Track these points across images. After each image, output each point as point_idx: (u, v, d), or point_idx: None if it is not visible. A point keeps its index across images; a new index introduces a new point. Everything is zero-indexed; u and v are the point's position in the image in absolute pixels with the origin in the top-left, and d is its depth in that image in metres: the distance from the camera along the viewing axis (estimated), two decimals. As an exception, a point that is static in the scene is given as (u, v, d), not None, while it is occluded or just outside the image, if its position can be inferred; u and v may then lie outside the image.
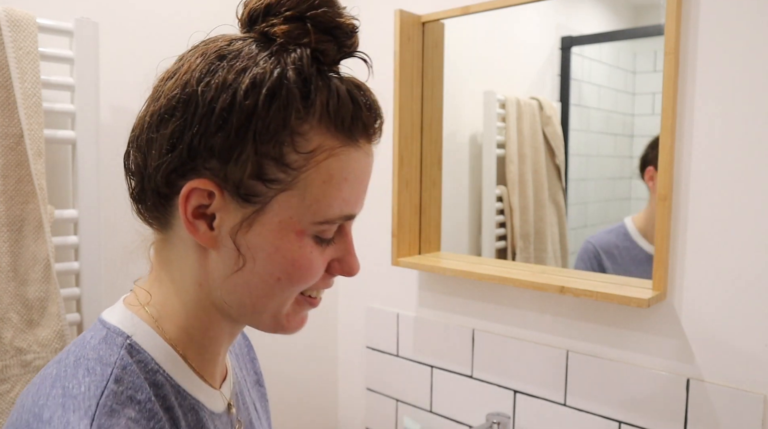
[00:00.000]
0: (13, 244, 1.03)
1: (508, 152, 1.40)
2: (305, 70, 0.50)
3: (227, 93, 0.49)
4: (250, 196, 0.51)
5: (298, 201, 0.51)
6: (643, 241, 1.18)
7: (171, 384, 0.54)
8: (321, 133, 0.51)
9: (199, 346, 0.57)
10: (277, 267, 0.52)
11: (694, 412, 1.07)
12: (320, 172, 0.51)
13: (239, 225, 0.52)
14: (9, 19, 1.00)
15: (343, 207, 0.53)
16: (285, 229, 0.52)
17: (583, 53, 1.30)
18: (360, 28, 0.54)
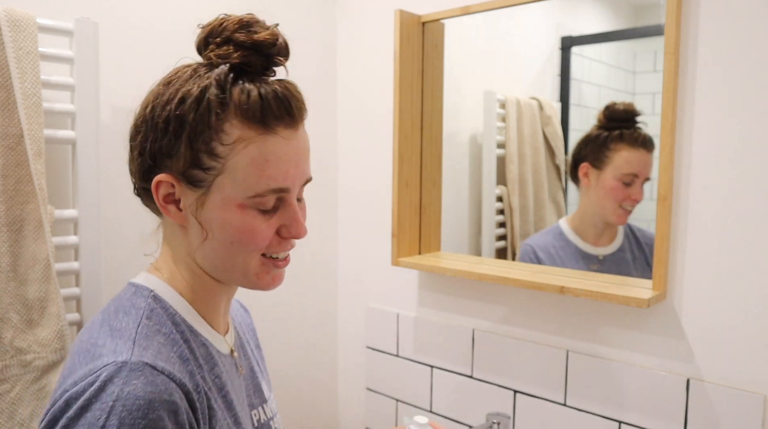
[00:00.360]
0: (13, 244, 1.03)
1: (508, 152, 1.40)
2: (222, 81, 0.65)
3: (166, 109, 0.66)
4: (196, 181, 0.67)
5: (231, 182, 0.66)
6: (577, 238, 1.25)
7: (186, 324, 0.70)
8: (239, 127, 0.65)
9: (202, 299, 0.73)
10: (228, 234, 0.68)
11: (694, 412, 1.07)
12: (242, 157, 0.65)
13: (195, 204, 0.68)
14: (9, 19, 1.00)
15: (269, 183, 0.67)
16: (227, 204, 0.67)
17: (583, 53, 1.30)
18: (282, 41, 0.69)
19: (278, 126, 0.67)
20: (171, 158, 0.67)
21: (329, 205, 1.65)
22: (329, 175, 1.65)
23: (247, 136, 0.65)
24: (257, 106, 0.65)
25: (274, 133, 0.66)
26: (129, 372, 0.59)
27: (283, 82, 0.69)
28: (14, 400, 1.02)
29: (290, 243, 0.72)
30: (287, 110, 0.67)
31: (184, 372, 0.64)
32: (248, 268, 0.70)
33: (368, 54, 1.56)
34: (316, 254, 1.64)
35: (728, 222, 1.03)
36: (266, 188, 0.67)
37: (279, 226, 0.70)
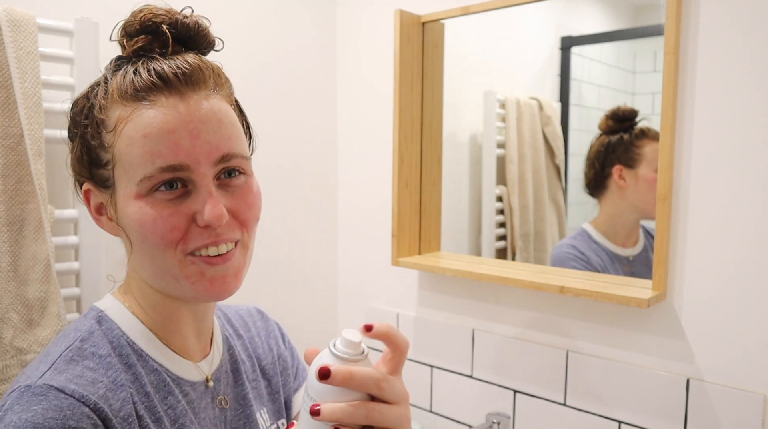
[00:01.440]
0: (13, 244, 1.03)
1: (508, 152, 1.40)
2: (108, 70, 0.63)
3: (73, 112, 0.65)
4: (103, 181, 0.62)
5: (123, 171, 0.60)
6: (607, 241, 1.25)
7: (134, 348, 0.64)
8: (116, 109, 0.60)
9: (159, 320, 0.66)
10: (135, 232, 0.60)
11: (694, 412, 1.07)
12: (123, 139, 0.59)
13: (111, 208, 0.63)
14: (9, 19, 1.00)
15: (154, 160, 0.58)
16: (126, 199, 0.60)
17: (583, 53, 1.30)
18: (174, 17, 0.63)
19: (154, 95, 0.59)
20: (80, 164, 0.64)
21: (329, 205, 1.65)
22: (329, 175, 1.65)
23: (123, 115, 0.59)
24: (129, 80, 0.59)
25: (151, 105, 0.58)
26: (30, 397, 0.53)
27: (181, 55, 0.62)
28: (14, 400, 1.02)
29: (214, 232, 0.60)
30: (162, 77, 0.59)
31: (112, 398, 0.58)
32: (176, 272, 0.61)
33: (368, 54, 1.56)
34: (316, 254, 1.64)
35: (728, 222, 1.03)
36: (153, 167, 0.58)
37: (194, 212, 0.60)
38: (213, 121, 0.60)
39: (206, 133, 0.59)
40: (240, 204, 0.63)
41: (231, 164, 0.62)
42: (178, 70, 0.59)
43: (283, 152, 1.54)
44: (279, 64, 1.51)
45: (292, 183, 1.56)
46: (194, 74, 0.60)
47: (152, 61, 0.60)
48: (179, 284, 0.62)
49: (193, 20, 0.64)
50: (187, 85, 0.60)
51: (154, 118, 0.58)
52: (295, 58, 1.55)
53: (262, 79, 1.47)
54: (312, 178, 1.61)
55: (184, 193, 0.60)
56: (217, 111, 0.61)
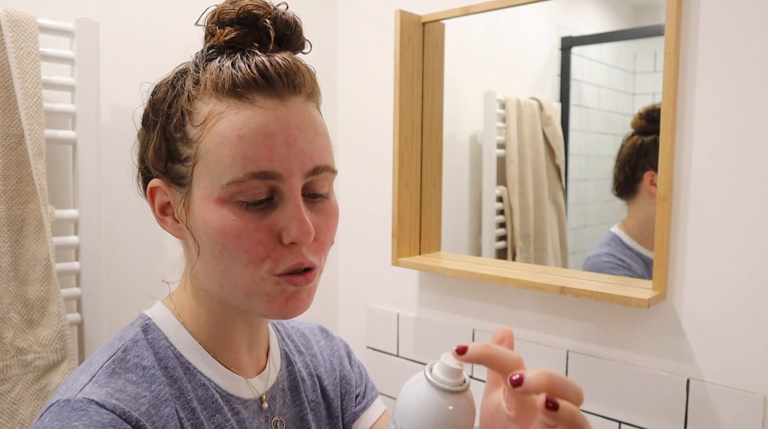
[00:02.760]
0: (13, 244, 1.03)
1: (508, 152, 1.40)
2: (199, 59, 0.58)
3: (153, 99, 0.60)
4: (178, 178, 0.57)
5: (206, 170, 0.54)
6: (639, 246, 1.20)
7: (180, 360, 0.59)
8: (208, 103, 0.55)
9: (211, 331, 0.62)
10: (212, 240, 0.55)
11: (694, 412, 1.07)
12: (213, 136, 0.54)
13: (182, 209, 0.57)
14: (10, 19, 1.00)
15: (246, 164, 0.53)
16: (206, 201, 0.55)
17: (583, 53, 1.30)
18: (275, 11, 0.58)
19: (254, 94, 0.54)
20: (154, 156, 0.58)
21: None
22: (329, 176, 1.65)
23: (216, 110, 0.54)
24: (228, 74, 0.54)
25: (249, 103, 0.54)
26: (70, 412, 0.50)
27: (280, 53, 0.57)
28: (15, 400, 1.02)
29: (300, 252, 0.55)
30: (265, 76, 0.54)
31: (155, 414, 0.54)
32: (252, 289, 0.56)
33: (368, 54, 1.56)
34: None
35: (728, 222, 1.03)
36: (243, 172, 0.53)
37: (280, 228, 0.55)
38: (310, 129, 0.56)
39: (302, 141, 0.55)
40: (321, 225, 0.58)
41: (319, 178, 0.57)
42: (281, 69, 0.55)
43: (284, 152, 1.54)
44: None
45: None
46: (297, 76, 0.56)
47: (253, 55, 0.55)
48: (250, 300, 0.57)
49: (291, 17, 0.59)
50: (289, 88, 0.55)
51: (252, 118, 0.53)
52: (295, 59, 1.55)
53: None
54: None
55: (269, 205, 0.55)
56: (313, 119, 0.57)
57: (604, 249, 1.24)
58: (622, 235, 1.22)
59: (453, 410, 0.45)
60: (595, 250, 1.26)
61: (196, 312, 0.62)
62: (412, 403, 0.46)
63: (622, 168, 1.21)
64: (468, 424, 0.47)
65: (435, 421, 0.44)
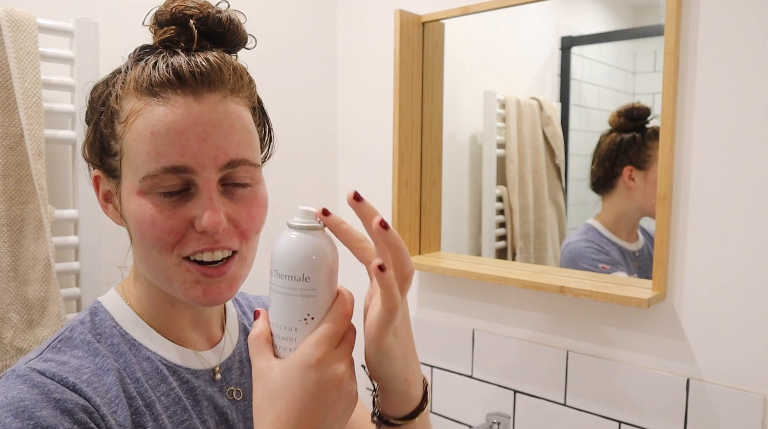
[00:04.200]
0: (13, 244, 1.03)
1: (508, 152, 1.40)
2: (129, 61, 0.62)
3: (91, 97, 0.65)
4: (111, 171, 0.62)
5: (128, 164, 0.59)
6: (615, 236, 1.25)
7: (126, 338, 0.63)
8: (131, 101, 0.59)
9: (155, 311, 0.66)
10: (134, 228, 0.60)
11: (694, 412, 1.07)
12: (132, 132, 0.58)
13: (115, 197, 0.63)
14: (9, 19, 1.00)
15: (158, 159, 0.57)
16: (129, 193, 0.60)
17: (583, 53, 1.30)
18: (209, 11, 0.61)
19: (168, 92, 0.57)
20: (91, 150, 0.64)
21: (330, 205, 1.65)
22: (329, 175, 1.65)
23: (136, 108, 0.58)
24: (147, 74, 0.58)
25: (163, 101, 0.57)
26: (14, 379, 0.55)
27: (209, 52, 0.60)
28: (14, 400, 1.02)
29: (211, 239, 0.59)
30: (178, 75, 0.57)
31: (97, 382, 0.57)
32: (170, 274, 0.60)
33: (368, 54, 1.56)
34: (316, 254, 1.64)
35: (728, 222, 1.03)
36: (156, 166, 0.57)
37: (193, 217, 0.59)
38: (225, 124, 0.59)
39: (215, 136, 0.58)
40: (242, 213, 0.62)
41: (237, 171, 0.60)
42: (197, 68, 0.58)
43: (283, 152, 1.54)
44: (279, 64, 1.51)
45: (292, 183, 1.56)
46: (212, 74, 0.58)
47: (173, 55, 0.59)
48: (171, 286, 0.61)
49: (225, 15, 0.62)
50: (204, 85, 0.58)
51: (165, 116, 0.57)
52: (295, 58, 1.55)
53: (262, 79, 1.46)
54: (312, 178, 1.61)
55: (186, 195, 0.59)
56: (230, 114, 0.59)
57: (582, 236, 1.29)
58: (599, 226, 1.27)
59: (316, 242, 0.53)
60: (574, 238, 1.31)
61: (140, 295, 0.66)
62: (276, 247, 0.54)
63: (602, 163, 1.26)
64: (333, 255, 0.54)
65: (305, 255, 0.52)
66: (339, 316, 0.53)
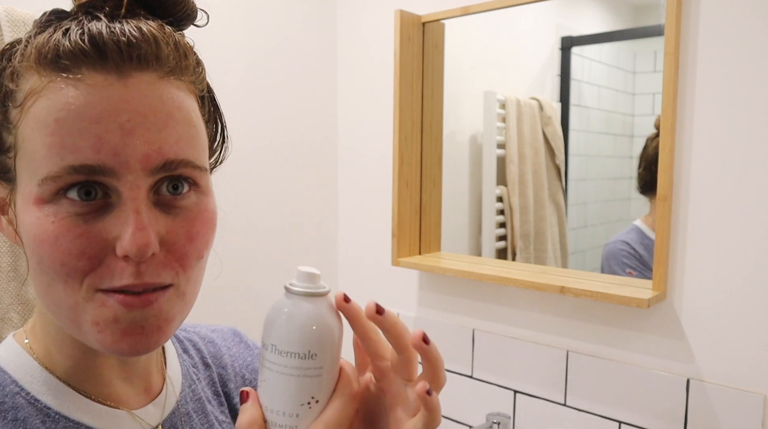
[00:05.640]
0: (13, 244, 1.03)
1: (508, 152, 1.40)
2: (35, 26, 0.45)
3: None
4: (4, 172, 0.44)
5: (25, 162, 0.42)
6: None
7: (37, 407, 0.46)
8: (30, 77, 0.42)
9: (72, 367, 0.48)
10: (30, 249, 0.42)
11: (694, 412, 1.07)
12: (30, 119, 0.41)
13: (10, 208, 0.45)
14: (9, 19, 1.00)
15: (65, 155, 0.40)
16: (26, 202, 0.42)
17: (583, 53, 1.30)
18: None
19: (81, 68, 0.41)
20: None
21: (329, 205, 1.65)
22: (330, 175, 1.65)
23: (36, 87, 0.42)
24: (54, 43, 0.41)
25: (74, 80, 0.41)
26: None
27: (135, 20, 0.44)
28: (14, 399, 1.02)
29: (134, 270, 0.42)
30: (97, 46, 0.41)
31: None
32: (78, 314, 0.43)
33: (368, 54, 1.56)
34: (317, 254, 1.64)
35: (728, 222, 1.03)
36: (61, 165, 0.40)
37: (114, 237, 0.42)
38: (160, 113, 0.42)
39: (146, 129, 0.41)
40: (180, 232, 0.44)
41: (176, 173, 0.44)
42: (123, 37, 0.41)
43: (283, 152, 1.54)
44: (279, 64, 1.51)
45: (292, 183, 1.56)
46: (143, 46, 0.42)
47: (92, 20, 0.42)
48: (80, 330, 0.44)
49: None
50: (131, 61, 0.42)
51: (75, 98, 0.40)
52: (295, 58, 1.55)
53: (262, 79, 1.47)
54: (312, 178, 1.61)
55: (103, 205, 0.42)
56: (167, 101, 0.43)
57: (623, 237, 1.28)
58: (643, 227, 1.25)
59: (324, 312, 0.45)
60: (614, 238, 1.30)
61: (47, 342, 0.48)
62: (273, 316, 0.44)
63: (649, 167, 1.23)
64: (340, 326, 0.47)
65: (312, 328, 0.43)
66: (347, 398, 0.45)
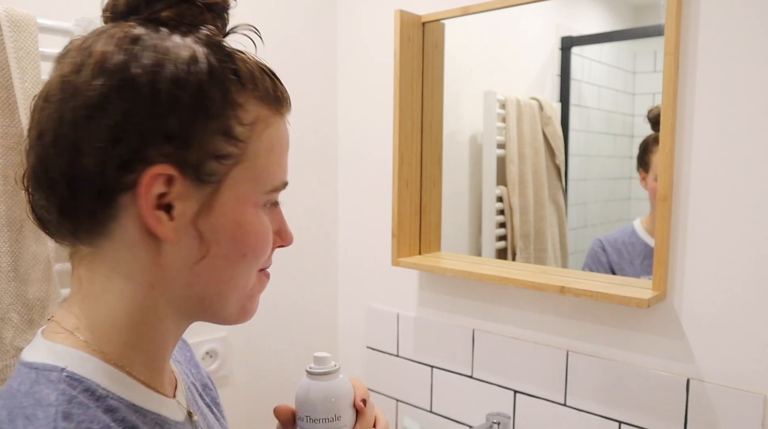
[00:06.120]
0: (13, 244, 1.03)
1: (508, 152, 1.40)
2: (223, 46, 0.52)
3: (168, 74, 0.47)
4: (207, 175, 0.50)
5: (250, 173, 0.52)
6: (648, 236, 1.22)
7: (126, 405, 0.49)
8: (255, 104, 0.52)
9: (145, 357, 0.53)
10: (242, 244, 0.52)
11: (694, 412, 1.07)
12: (263, 141, 0.53)
13: (200, 209, 0.50)
14: (9, 19, 1.00)
15: (281, 175, 0.55)
16: (243, 204, 0.52)
17: (583, 53, 1.30)
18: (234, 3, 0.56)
19: (283, 107, 0.55)
20: (175, 144, 0.48)
21: (329, 205, 1.65)
22: (330, 175, 1.65)
23: (263, 115, 0.52)
24: (267, 81, 0.53)
25: (281, 116, 0.55)
26: None
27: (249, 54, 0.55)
28: (14, 400, 1.02)
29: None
30: (285, 96, 0.56)
31: None
32: (246, 289, 0.55)
33: (368, 54, 1.56)
34: (317, 254, 1.64)
35: (728, 222, 1.03)
36: (280, 181, 0.55)
37: (276, 230, 0.57)
38: None
39: None
40: None
41: None
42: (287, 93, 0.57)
43: (283, 152, 1.54)
44: (279, 64, 1.50)
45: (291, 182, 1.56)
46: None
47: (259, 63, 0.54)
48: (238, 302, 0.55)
49: None
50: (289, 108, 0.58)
51: (285, 132, 0.56)
52: (295, 58, 1.55)
53: (263, 79, 1.47)
54: (312, 178, 1.61)
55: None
56: None
57: (608, 235, 1.30)
58: (637, 226, 1.25)
59: (332, 386, 0.61)
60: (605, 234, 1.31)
61: (130, 333, 0.51)
62: (303, 395, 0.61)
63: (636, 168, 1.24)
64: (348, 395, 0.63)
65: (335, 398, 0.61)
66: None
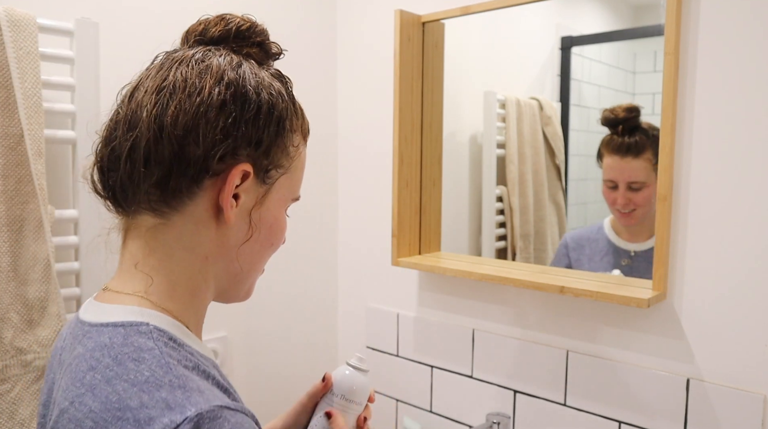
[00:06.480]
0: (13, 244, 1.03)
1: (508, 152, 1.40)
2: (287, 83, 0.70)
3: (272, 98, 0.64)
4: (268, 178, 0.66)
5: (289, 182, 0.69)
6: (613, 233, 1.25)
7: (195, 354, 0.60)
8: (298, 132, 0.70)
9: (196, 317, 0.65)
10: (273, 235, 0.68)
11: (694, 412, 1.07)
12: (300, 160, 0.70)
13: (256, 202, 0.65)
14: (9, 19, 1.00)
15: (300, 188, 0.72)
16: (281, 204, 0.68)
17: (583, 53, 1.30)
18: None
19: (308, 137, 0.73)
20: (259, 150, 0.63)
21: (330, 205, 1.65)
22: (330, 175, 1.65)
23: (299, 141, 0.70)
24: (307, 124, 0.73)
25: (306, 144, 0.73)
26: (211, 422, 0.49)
27: None
28: (14, 400, 1.02)
29: None
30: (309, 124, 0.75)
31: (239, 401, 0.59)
32: (259, 273, 0.71)
33: (368, 54, 1.56)
34: (317, 254, 1.64)
35: (728, 222, 1.03)
36: (299, 193, 0.72)
37: None
38: None
39: None
40: None
41: None
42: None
43: (283, 152, 1.54)
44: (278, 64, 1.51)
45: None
46: None
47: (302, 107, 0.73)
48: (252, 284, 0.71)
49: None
50: None
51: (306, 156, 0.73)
52: (294, 59, 1.55)
53: (262, 79, 1.47)
54: (312, 178, 1.61)
55: None
56: None
57: (574, 232, 1.33)
58: (605, 224, 1.27)
59: (365, 379, 0.84)
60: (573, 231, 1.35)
61: (191, 295, 0.63)
62: (348, 380, 0.83)
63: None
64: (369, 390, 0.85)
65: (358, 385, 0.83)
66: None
